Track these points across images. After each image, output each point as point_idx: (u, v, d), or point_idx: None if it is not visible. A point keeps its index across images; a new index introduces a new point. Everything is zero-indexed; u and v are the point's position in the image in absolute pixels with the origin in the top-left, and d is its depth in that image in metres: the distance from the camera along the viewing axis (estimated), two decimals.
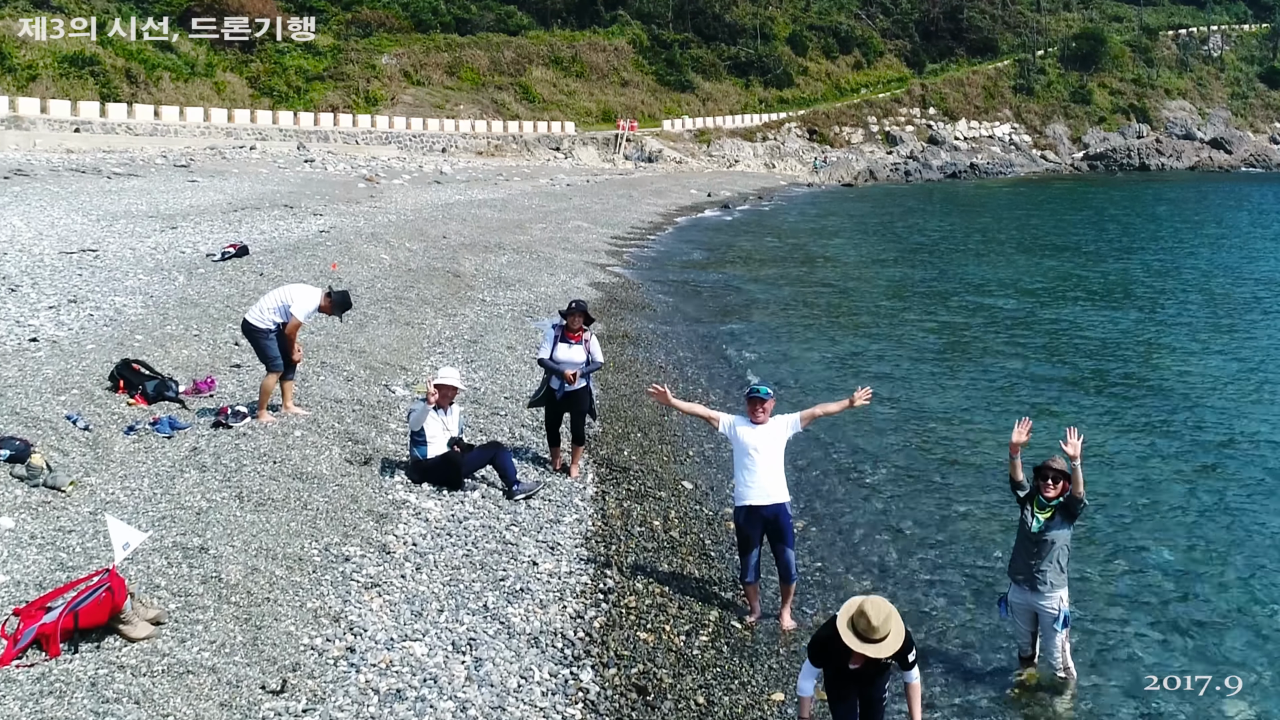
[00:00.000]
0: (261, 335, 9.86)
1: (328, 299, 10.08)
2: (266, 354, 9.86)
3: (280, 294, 10.07)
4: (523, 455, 10.53)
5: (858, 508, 10.52)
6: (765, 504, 7.68)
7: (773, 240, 38.15)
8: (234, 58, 68.35)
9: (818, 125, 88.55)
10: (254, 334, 9.91)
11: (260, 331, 9.85)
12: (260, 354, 10.01)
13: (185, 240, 22.19)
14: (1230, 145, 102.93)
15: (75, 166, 39.28)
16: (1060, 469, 6.97)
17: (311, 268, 19.06)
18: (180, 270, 18.05)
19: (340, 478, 8.64)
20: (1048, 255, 34.64)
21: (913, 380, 16.23)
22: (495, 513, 8.78)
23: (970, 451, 12.42)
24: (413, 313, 16.49)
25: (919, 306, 23.82)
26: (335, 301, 10.13)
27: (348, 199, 35.03)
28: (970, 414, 14.21)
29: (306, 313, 9.98)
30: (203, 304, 14.92)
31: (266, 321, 9.86)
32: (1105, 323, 21.84)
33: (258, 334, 9.87)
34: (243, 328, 10.09)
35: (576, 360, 9.97)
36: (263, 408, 9.80)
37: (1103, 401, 15.31)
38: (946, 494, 10.88)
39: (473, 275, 21.52)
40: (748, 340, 19.05)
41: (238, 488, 7.86)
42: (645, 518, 9.44)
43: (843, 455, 12.11)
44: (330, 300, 10.09)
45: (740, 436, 7.79)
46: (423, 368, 13.20)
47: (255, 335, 9.90)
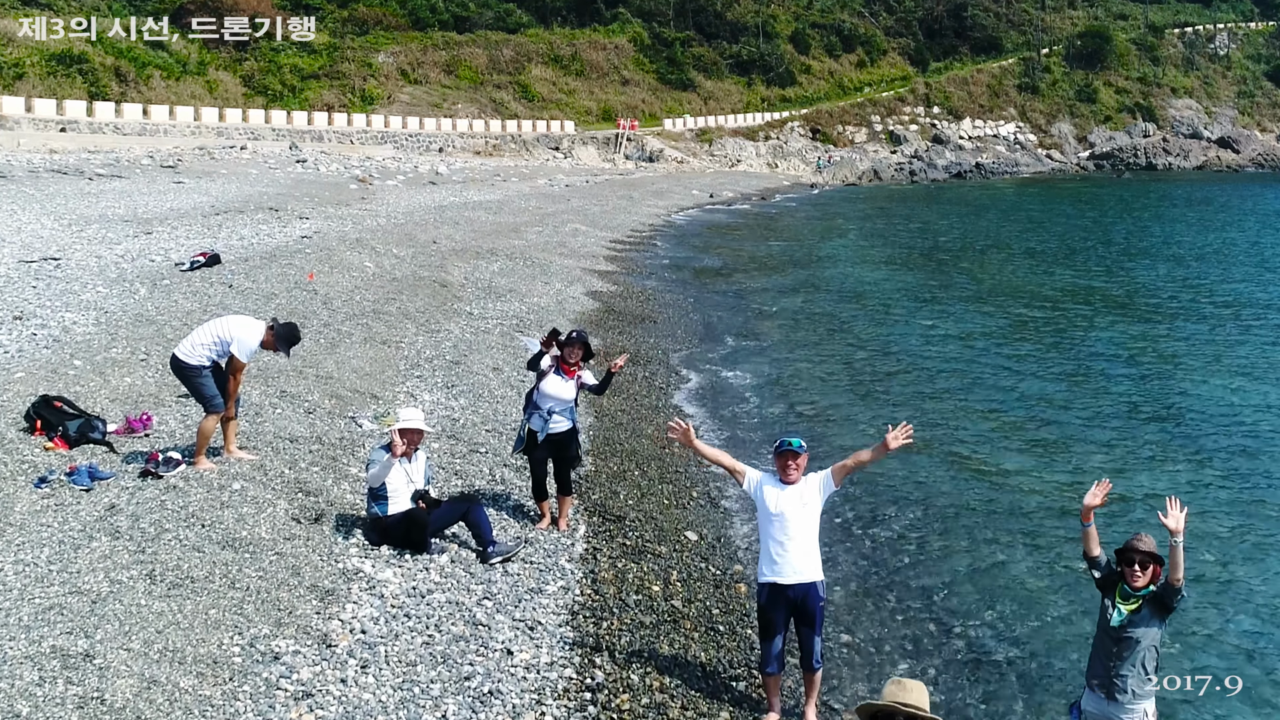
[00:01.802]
0: (194, 373, 8.56)
1: (270, 333, 8.80)
2: (202, 394, 8.56)
3: (217, 327, 8.76)
4: (503, 503, 9.21)
5: (884, 564, 9.20)
6: (794, 583, 6.35)
7: (779, 244, 36.79)
8: (228, 56, 67.11)
9: (821, 124, 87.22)
10: (185, 372, 8.62)
11: (192, 369, 8.55)
12: (196, 394, 8.71)
13: (157, 247, 20.88)
14: (1238, 144, 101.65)
15: (57, 167, 37.96)
16: (1150, 550, 5.60)
17: (286, 278, 17.74)
18: (144, 281, 16.74)
19: (283, 542, 7.31)
20: (1068, 262, 33.29)
21: (937, 406, 14.88)
22: (466, 582, 7.46)
23: (1011, 491, 11.07)
24: (391, 329, 15.15)
25: (938, 320, 22.44)
26: (279, 335, 8.84)
27: (337, 201, 33.70)
28: (1006, 445, 12.88)
29: (248, 352, 8.72)
30: (159, 321, 13.61)
31: (199, 357, 8.57)
32: (1142, 340, 20.30)
33: (189, 372, 8.58)
34: (172, 365, 8.79)
35: (565, 397, 8.68)
36: (200, 453, 8.49)
37: (1145, 431, 13.98)
38: (991, 549, 9.52)
39: (461, 285, 20.19)
40: (757, 359, 17.70)
41: (152, 562, 6.54)
42: (643, 581, 8.12)
43: (862, 497, 10.80)
44: (274, 334, 8.80)
45: (767, 499, 6.47)
46: (396, 395, 11.88)
47: (187, 373, 8.62)
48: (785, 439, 6.61)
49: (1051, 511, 10.36)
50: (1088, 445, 12.87)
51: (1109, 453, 12.53)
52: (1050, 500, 10.71)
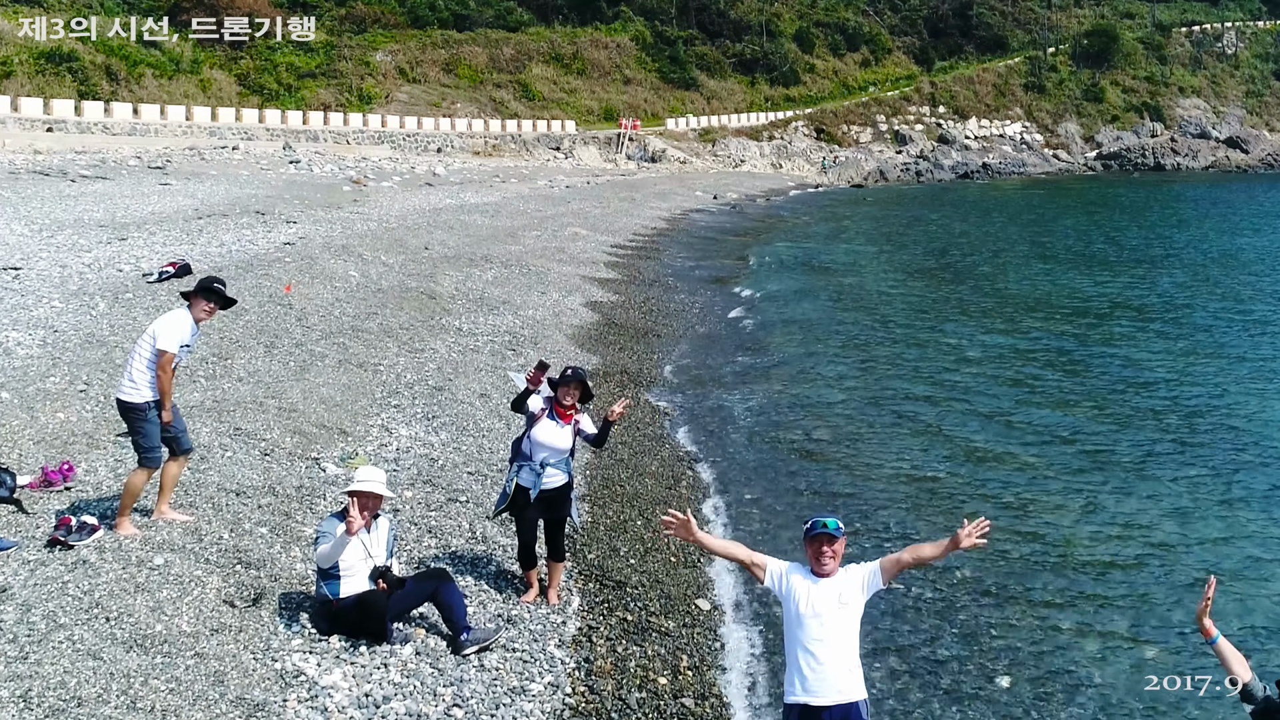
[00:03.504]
0: (137, 414, 7.23)
1: (200, 302, 7.41)
2: (140, 440, 7.23)
3: (143, 343, 7.39)
4: (483, 568, 7.87)
5: (930, 642, 7.85)
6: (831, 704, 5.02)
7: (787, 249, 35.43)
8: (223, 54, 65.88)
9: (825, 124, 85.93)
10: (129, 413, 7.30)
11: (135, 408, 7.23)
12: (134, 440, 7.37)
13: (129, 255, 19.57)
14: (1247, 145, 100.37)
15: (40, 169, 36.67)
16: None
17: (261, 290, 16.43)
18: (105, 294, 15.43)
19: (207, 637, 5.98)
20: (1096, 270, 31.86)
21: (977, 437, 13.47)
22: (433, 683, 6.12)
23: (1078, 561, 9.54)
24: (370, 349, 13.80)
25: (964, 338, 20.93)
26: (203, 292, 7.42)
27: (329, 204, 32.39)
28: (1060, 487, 11.39)
29: (175, 340, 7.28)
30: (110, 342, 12.29)
31: (143, 390, 7.22)
32: (1191, 356, 18.64)
33: (133, 413, 7.25)
34: (118, 407, 7.45)
35: (561, 447, 7.35)
36: (124, 515, 7.16)
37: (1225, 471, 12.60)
38: (1057, 637, 8.10)
39: (451, 296, 18.85)
40: (768, 379, 16.32)
41: (31, 676, 5.22)
42: (647, 672, 6.79)
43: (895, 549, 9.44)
44: (201, 299, 7.41)
45: (796, 596, 5.14)
46: (369, 430, 10.55)
47: (130, 414, 7.29)
48: (818, 519, 5.26)
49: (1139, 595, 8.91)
50: (1167, 494, 11.37)
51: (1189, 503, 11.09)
52: (1127, 569, 9.34)
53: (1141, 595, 8.68)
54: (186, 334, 7.37)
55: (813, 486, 11.05)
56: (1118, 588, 8.81)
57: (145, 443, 7.25)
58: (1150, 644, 7.81)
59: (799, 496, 10.70)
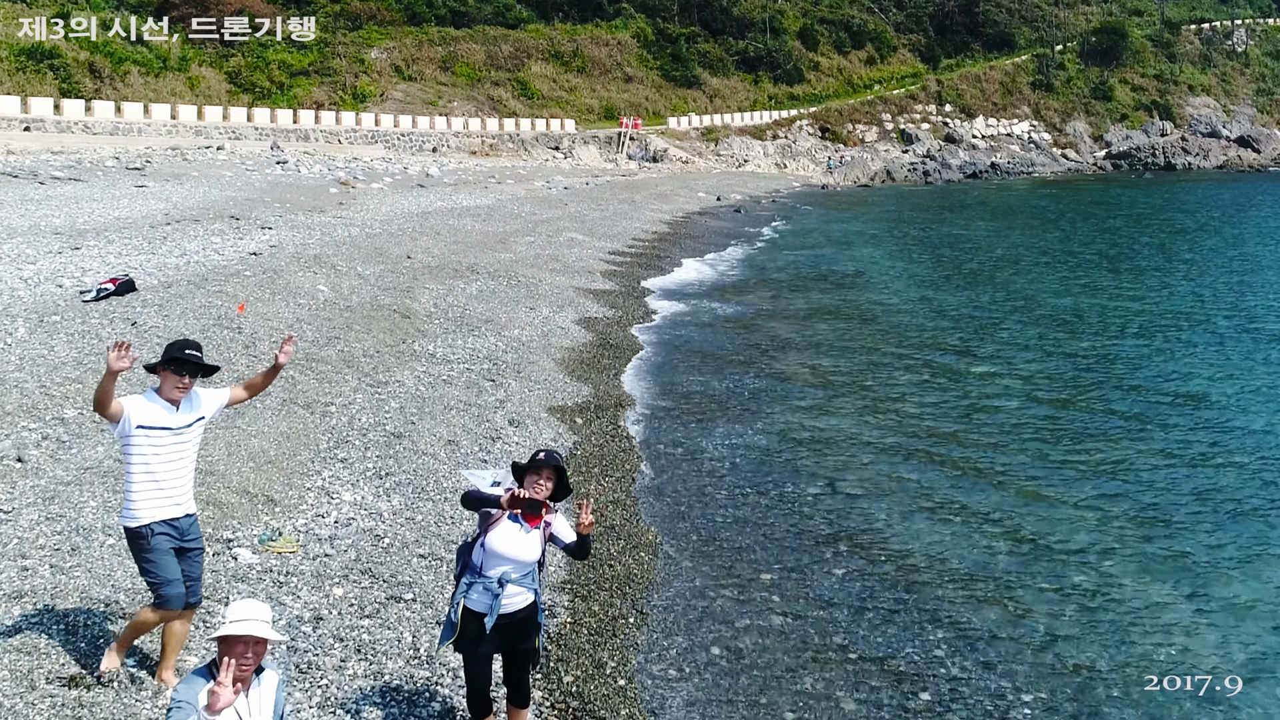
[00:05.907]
0: (140, 542, 5.73)
1: (169, 376, 5.79)
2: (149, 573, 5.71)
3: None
4: (423, 707, 5.99)
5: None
6: None
7: (794, 256, 33.53)
8: (213, 52, 64.10)
9: (830, 123, 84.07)
10: (132, 542, 5.80)
11: (137, 534, 5.71)
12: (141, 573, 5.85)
13: (75, 267, 17.73)
14: (1258, 144, 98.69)
15: (9, 170, 34.85)
16: None
17: (209, 312, 14.56)
18: (29, 316, 13.58)
19: None
20: (1126, 280, 30.04)
21: (1026, 487, 11.62)
22: None
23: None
24: (322, 385, 11.91)
25: (995, 362, 19.18)
26: (170, 364, 5.75)
27: (312, 207, 30.56)
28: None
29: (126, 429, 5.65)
30: (11, 380, 10.44)
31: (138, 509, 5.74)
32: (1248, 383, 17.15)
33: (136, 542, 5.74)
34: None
35: (526, 559, 5.42)
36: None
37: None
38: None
39: (427, 314, 16.97)
40: (781, 409, 14.40)
41: None
42: None
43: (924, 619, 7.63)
44: (169, 372, 5.80)
45: None
46: (303, 496, 8.66)
47: (133, 544, 5.79)
48: None
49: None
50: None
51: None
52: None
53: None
54: (140, 416, 5.63)
55: (841, 561, 9.19)
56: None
57: (147, 578, 5.71)
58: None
59: (827, 578, 8.84)
